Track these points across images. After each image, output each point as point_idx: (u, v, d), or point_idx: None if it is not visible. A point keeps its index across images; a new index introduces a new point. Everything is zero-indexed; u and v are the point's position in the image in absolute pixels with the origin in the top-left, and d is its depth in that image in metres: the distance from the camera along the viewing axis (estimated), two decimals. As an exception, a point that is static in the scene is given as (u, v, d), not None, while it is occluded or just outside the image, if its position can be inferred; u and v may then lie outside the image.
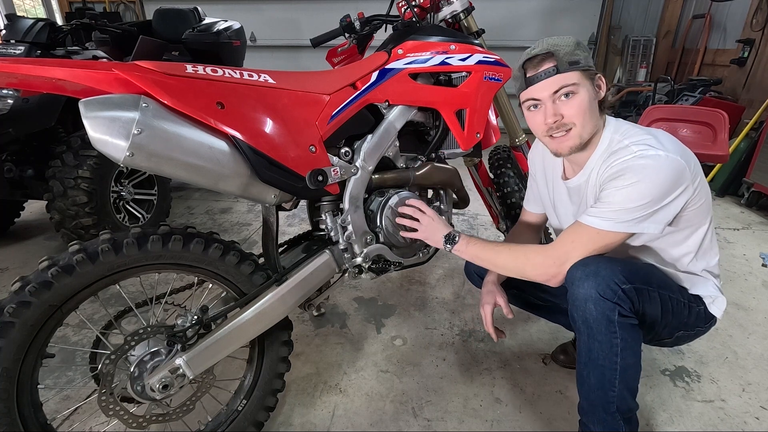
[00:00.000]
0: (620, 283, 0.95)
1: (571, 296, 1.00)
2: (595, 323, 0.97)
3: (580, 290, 0.97)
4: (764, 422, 1.33)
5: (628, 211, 0.95)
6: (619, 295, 0.95)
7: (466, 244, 1.18)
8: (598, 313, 0.96)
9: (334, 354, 1.62)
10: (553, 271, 1.03)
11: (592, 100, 1.01)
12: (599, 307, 0.96)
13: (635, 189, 0.94)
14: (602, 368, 1.00)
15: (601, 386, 1.01)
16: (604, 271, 0.96)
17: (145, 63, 0.94)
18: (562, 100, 1.01)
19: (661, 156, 0.94)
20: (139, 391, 1.02)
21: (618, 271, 0.97)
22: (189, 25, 3.12)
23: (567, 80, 0.99)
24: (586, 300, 0.97)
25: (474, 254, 1.17)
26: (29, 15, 5.57)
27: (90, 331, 1.72)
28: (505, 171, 1.81)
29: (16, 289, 0.88)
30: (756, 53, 3.69)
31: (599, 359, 0.99)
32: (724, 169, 3.17)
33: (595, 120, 1.03)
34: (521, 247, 1.13)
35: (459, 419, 1.34)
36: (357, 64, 1.29)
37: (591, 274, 0.97)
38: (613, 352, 0.98)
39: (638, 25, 5.34)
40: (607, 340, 0.97)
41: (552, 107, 1.01)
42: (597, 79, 1.03)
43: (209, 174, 0.99)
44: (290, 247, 1.41)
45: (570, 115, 1.01)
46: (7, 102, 1.97)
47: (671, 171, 0.94)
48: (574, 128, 1.02)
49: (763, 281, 2.10)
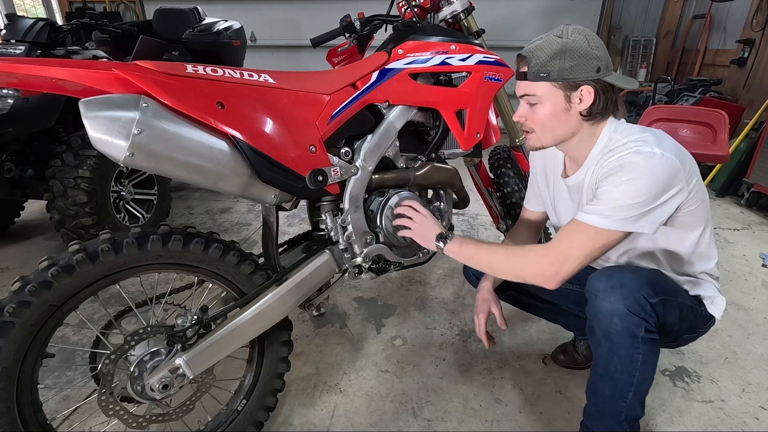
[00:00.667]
0: (648, 297, 0.93)
1: (593, 309, 0.97)
2: (618, 338, 0.94)
3: (606, 304, 0.94)
4: (764, 422, 1.33)
5: (625, 209, 0.94)
6: (646, 309, 0.93)
7: (460, 245, 1.15)
8: (623, 328, 0.93)
9: (334, 354, 1.62)
10: (551, 271, 1.00)
11: (559, 112, 1.00)
12: (625, 322, 0.93)
13: (631, 186, 0.93)
14: (618, 381, 0.98)
15: (613, 397, 1.00)
16: (631, 284, 0.93)
17: (145, 63, 0.94)
18: (528, 105, 1.05)
19: (656, 154, 0.93)
20: (138, 390, 1.02)
21: (644, 284, 0.94)
22: (189, 25, 3.12)
23: (530, 90, 1.02)
24: (612, 314, 0.93)
25: (468, 255, 1.14)
26: (29, 15, 5.57)
27: (90, 331, 1.72)
28: (505, 171, 1.81)
29: (16, 288, 0.88)
30: (756, 53, 3.69)
31: (616, 373, 0.97)
32: (724, 169, 3.17)
33: (562, 129, 1.04)
34: (518, 248, 1.10)
35: (459, 419, 1.34)
36: (357, 64, 1.29)
37: (617, 287, 0.94)
38: (633, 367, 0.96)
39: (638, 25, 5.34)
40: (629, 355, 0.95)
41: (522, 107, 1.07)
42: (580, 91, 0.98)
43: (209, 174, 0.99)
44: (290, 247, 1.41)
45: (531, 120, 1.05)
46: (7, 102, 1.97)
47: (666, 169, 0.93)
48: (533, 133, 1.07)
49: (763, 281, 2.10)
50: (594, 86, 0.98)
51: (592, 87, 0.98)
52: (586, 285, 1.01)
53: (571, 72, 0.96)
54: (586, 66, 0.96)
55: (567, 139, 1.06)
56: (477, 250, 1.13)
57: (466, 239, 1.16)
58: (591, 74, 0.96)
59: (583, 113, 1.01)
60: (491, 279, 1.27)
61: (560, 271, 0.99)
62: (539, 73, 0.98)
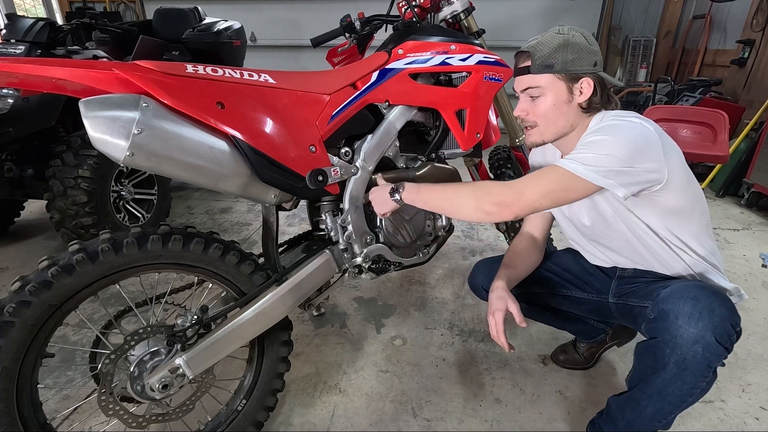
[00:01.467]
0: (735, 325, 0.88)
1: (671, 331, 0.90)
2: (693, 367, 0.88)
3: (691, 329, 0.87)
4: (764, 423, 1.32)
5: (597, 159, 0.94)
6: (732, 339, 0.88)
7: (417, 190, 1.13)
8: (703, 357, 0.87)
9: (333, 354, 1.62)
10: (509, 198, 0.98)
11: (562, 103, 1.03)
12: (708, 351, 0.86)
13: (606, 143, 0.94)
14: (668, 404, 0.95)
15: (654, 418, 0.98)
16: (720, 310, 0.87)
17: (145, 63, 0.94)
18: (529, 99, 1.06)
19: (635, 123, 0.97)
20: (138, 390, 1.02)
21: (731, 308, 0.89)
22: (189, 24, 3.12)
23: (534, 82, 1.03)
24: (695, 342, 0.87)
25: (427, 197, 1.11)
26: (29, 14, 5.57)
27: (90, 331, 1.72)
28: (505, 171, 1.81)
29: (16, 288, 0.88)
30: (756, 54, 3.69)
31: (671, 396, 0.93)
32: (724, 169, 3.17)
33: (564, 121, 1.06)
34: (477, 183, 1.09)
35: (459, 419, 1.34)
36: (357, 64, 1.29)
37: (705, 312, 0.87)
38: (691, 394, 0.92)
39: (638, 25, 5.34)
40: (694, 383, 0.91)
41: (522, 102, 1.08)
42: (581, 83, 1.02)
43: (209, 174, 0.99)
44: (290, 247, 1.41)
45: (533, 114, 1.06)
46: (7, 101, 1.97)
47: (642, 137, 0.94)
48: (536, 127, 1.07)
49: (762, 282, 2.10)
50: (593, 78, 1.02)
51: (591, 79, 1.02)
52: (660, 303, 0.94)
53: (573, 64, 1.00)
54: (586, 59, 1.01)
55: (567, 133, 1.07)
56: (436, 191, 1.12)
57: (423, 185, 1.15)
58: (590, 68, 1.02)
59: (583, 105, 1.04)
60: (505, 278, 1.19)
61: (519, 200, 0.98)
62: (543, 65, 1.01)
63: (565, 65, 1.00)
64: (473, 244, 2.49)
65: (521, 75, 1.06)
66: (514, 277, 1.23)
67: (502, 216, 1.00)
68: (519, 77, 1.07)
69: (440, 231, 1.51)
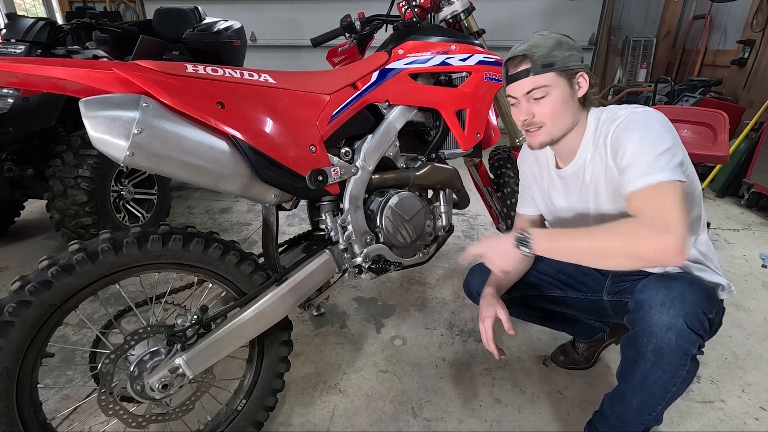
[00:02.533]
0: (707, 313, 0.89)
1: (645, 321, 0.92)
2: (669, 354, 0.90)
3: (663, 317, 0.89)
4: (764, 423, 1.32)
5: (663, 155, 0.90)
6: (705, 326, 0.89)
7: (550, 238, 0.98)
8: (678, 345, 0.89)
9: (333, 354, 1.62)
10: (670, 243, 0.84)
11: (567, 99, 1.04)
12: (682, 338, 0.88)
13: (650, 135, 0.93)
14: (652, 395, 0.96)
15: (640, 410, 0.99)
16: (691, 297, 0.88)
17: (145, 62, 0.94)
18: (535, 100, 1.04)
19: (651, 110, 0.99)
20: (138, 390, 1.02)
21: (703, 297, 0.90)
22: (189, 24, 3.12)
23: (538, 83, 1.02)
24: (668, 329, 0.88)
25: (564, 246, 0.97)
26: (30, 14, 5.57)
27: (90, 331, 1.72)
28: (505, 171, 1.81)
29: (16, 288, 0.88)
30: (756, 54, 3.69)
31: (653, 387, 0.95)
32: (724, 169, 3.16)
33: (570, 117, 1.06)
34: (614, 225, 0.93)
35: (458, 419, 1.34)
36: (357, 64, 1.29)
37: (677, 300, 0.88)
38: (672, 383, 0.94)
39: (639, 25, 5.34)
40: (674, 372, 0.92)
41: (526, 106, 1.06)
42: (579, 77, 1.03)
43: (209, 174, 0.99)
44: (290, 247, 1.41)
45: (540, 114, 1.05)
46: (7, 101, 1.97)
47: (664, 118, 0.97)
48: (544, 126, 1.06)
49: (763, 282, 2.10)
50: (587, 73, 1.04)
51: (586, 73, 1.04)
52: (636, 294, 0.95)
53: (569, 60, 1.02)
54: (576, 56, 1.03)
55: (571, 128, 1.07)
56: (573, 238, 0.96)
57: (547, 230, 1.05)
58: (581, 64, 1.04)
59: (581, 100, 1.05)
60: (494, 284, 1.20)
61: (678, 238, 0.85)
62: (544, 64, 1.01)
63: (564, 62, 1.01)
64: (473, 244, 2.49)
65: (520, 79, 1.04)
66: (505, 283, 1.24)
67: (669, 264, 0.88)
68: (517, 82, 1.05)
69: (440, 231, 1.52)
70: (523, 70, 1.03)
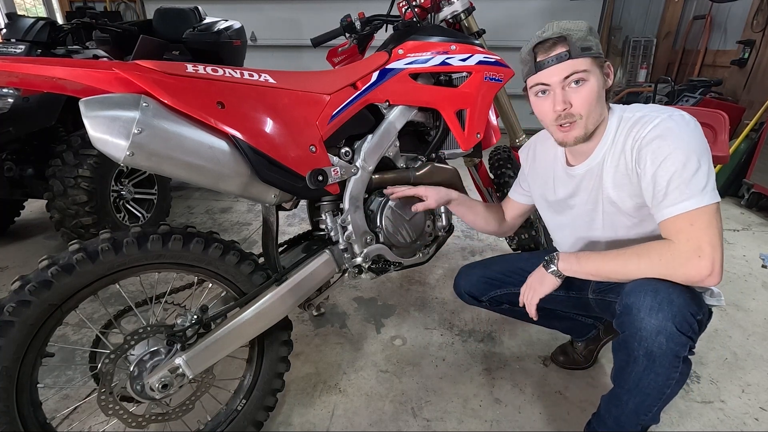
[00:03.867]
0: (695, 314, 0.89)
1: (634, 325, 0.92)
2: (661, 357, 0.90)
3: (652, 321, 0.89)
4: (764, 423, 1.32)
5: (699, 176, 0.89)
6: (694, 328, 0.89)
7: (577, 260, 1.02)
8: (668, 348, 0.89)
9: (333, 354, 1.62)
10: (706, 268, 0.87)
11: (601, 88, 0.98)
12: (672, 341, 0.88)
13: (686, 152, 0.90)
14: (647, 397, 0.96)
15: (636, 412, 0.98)
16: (678, 299, 0.88)
17: (145, 62, 0.94)
18: (572, 87, 0.97)
19: (685, 116, 0.94)
20: (138, 390, 1.02)
21: (689, 299, 0.90)
22: (189, 24, 3.12)
23: (579, 66, 0.95)
24: (658, 333, 0.88)
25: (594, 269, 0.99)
26: (30, 14, 5.57)
27: (90, 331, 1.72)
28: (506, 171, 1.81)
29: (16, 288, 0.88)
30: (756, 54, 3.68)
31: (647, 389, 0.95)
32: (724, 170, 3.16)
33: (601, 109, 1.00)
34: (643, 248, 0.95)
35: (458, 419, 1.34)
36: (357, 64, 1.29)
37: (665, 303, 0.88)
38: (666, 385, 0.93)
39: (639, 25, 5.34)
40: (666, 374, 0.92)
41: (561, 94, 0.97)
42: (606, 67, 0.99)
43: (209, 173, 0.99)
44: (290, 247, 1.41)
45: (578, 104, 0.97)
46: (7, 101, 1.97)
47: (698, 127, 0.94)
48: (580, 120, 0.99)
49: (762, 282, 2.10)
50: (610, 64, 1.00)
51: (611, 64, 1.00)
52: (624, 297, 0.95)
53: (598, 48, 0.97)
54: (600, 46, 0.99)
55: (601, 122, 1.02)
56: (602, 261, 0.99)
57: (575, 253, 1.05)
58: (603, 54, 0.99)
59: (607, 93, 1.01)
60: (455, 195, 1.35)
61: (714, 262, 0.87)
62: (582, 47, 0.94)
63: (598, 48, 0.96)
64: (473, 244, 2.49)
65: (556, 63, 0.95)
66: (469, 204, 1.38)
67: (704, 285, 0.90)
68: (552, 67, 0.96)
69: (440, 231, 1.52)
70: (561, 53, 0.95)
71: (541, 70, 0.98)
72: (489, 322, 1.79)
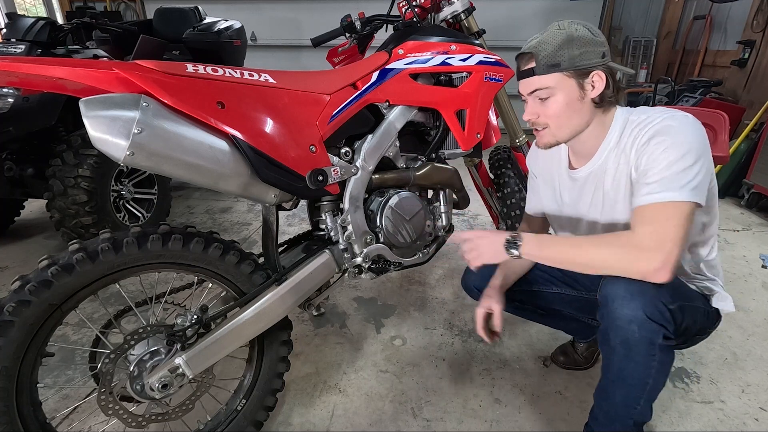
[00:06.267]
0: (667, 304, 0.91)
1: (610, 315, 0.94)
2: (636, 345, 0.92)
3: (625, 310, 0.91)
4: (763, 423, 1.32)
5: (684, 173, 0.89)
6: (666, 317, 0.91)
7: (538, 244, 0.99)
8: (641, 335, 0.91)
9: (333, 354, 1.62)
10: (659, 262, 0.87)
11: (574, 101, 0.99)
12: (645, 329, 0.90)
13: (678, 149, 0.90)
14: (631, 387, 0.97)
15: (624, 404, 0.99)
16: (650, 290, 0.91)
17: (145, 62, 0.94)
18: (539, 101, 1.02)
19: (688, 116, 0.95)
20: (138, 390, 1.02)
21: (663, 290, 0.91)
22: (189, 24, 3.12)
23: (541, 83, 0.99)
24: (630, 321, 0.91)
25: (555, 253, 0.98)
26: (30, 14, 5.58)
27: (89, 330, 1.72)
28: (506, 171, 1.81)
29: (16, 287, 0.88)
30: (756, 54, 3.69)
31: (630, 379, 0.96)
32: (724, 170, 3.16)
33: (578, 119, 1.01)
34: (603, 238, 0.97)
35: (458, 419, 1.34)
36: (357, 64, 1.29)
37: (637, 293, 0.91)
38: (647, 374, 0.95)
39: (639, 26, 5.34)
40: (645, 363, 0.94)
41: (531, 105, 1.04)
42: (592, 77, 0.98)
43: (209, 173, 0.99)
44: (290, 247, 1.41)
45: (543, 116, 1.03)
46: (7, 101, 1.97)
47: (701, 130, 0.94)
48: (547, 128, 1.04)
49: (762, 282, 2.10)
50: (604, 71, 0.98)
51: (602, 72, 0.98)
52: (601, 289, 0.98)
53: (581, 59, 0.97)
54: (593, 52, 0.97)
55: (581, 131, 1.04)
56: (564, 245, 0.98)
57: (538, 236, 1.02)
58: (598, 60, 0.97)
59: (596, 100, 1.00)
60: (502, 278, 1.23)
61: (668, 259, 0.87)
62: (549, 64, 0.97)
63: (572, 62, 0.96)
64: (473, 245, 2.48)
65: (526, 77, 1.02)
66: (513, 277, 1.26)
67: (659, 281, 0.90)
68: (524, 80, 1.02)
69: (440, 231, 1.52)
70: (528, 69, 1.00)
71: (519, 80, 1.06)
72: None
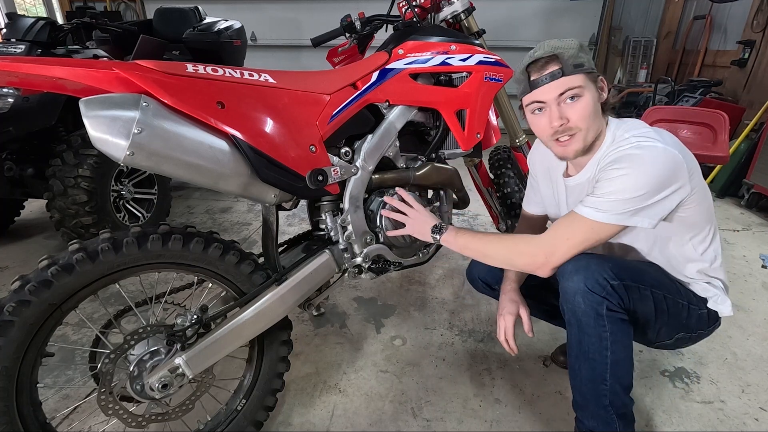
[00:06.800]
0: (609, 279, 0.97)
1: (561, 289, 1.02)
2: (584, 316, 0.98)
3: (570, 283, 0.99)
4: (763, 423, 1.32)
5: (623, 202, 0.94)
6: (607, 290, 0.97)
7: (455, 235, 1.17)
8: (586, 306, 0.97)
9: (333, 354, 1.62)
10: (540, 260, 1.03)
11: (596, 102, 1.02)
12: (587, 300, 0.97)
13: (630, 179, 0.94)
14: (593, 361, 1.00)
15: (592, 379, 1.02)
16: (594, 266, 0.98)
17: (145, 62, 0.94)
18: (568, 104, 1.00)
19: (658, 147, 0.94)
20: (138, 390, 1.02)
21: (608, 267, 0.98)
22: (190, 24, 3.12)
23: (572, 83, 0.99)
24: (575, 293, 0.98)
25: (463, 244, 1.16)
26: (30, 14, 5.58)
27: (89, 330, 1.72)
28: (505, 171, 1.81)
29: (16, 287, 0.88)
30: (756, 54, 3.69)
31: (589, 352, 1.00)
32: (724, 170, 3.17)
33: (599, 122, 1.04)
34: (511, 237, 1.15)
35: (458, 419, 1.34)
36: (357, 64, 1.29)
37: (581, 268, 0.98)
38: (603, 346, 0.99)
39: (639, 26, 5.34)
40: (597, 334, 0.98)
41: (557, 110, 1.01)
42: (599, 82, 1.03)
43: (209, 173, 0.99)
44: (290, 247, 1.41)
45: (575, 118, 1.01)
46: (7, 101, 1.97)
47: (667, 163, 0.94)
48: (579, 132, 1.02)
49: (762, 282, 2.10)
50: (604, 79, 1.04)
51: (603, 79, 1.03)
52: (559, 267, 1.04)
53: (591, 64, 1.01)
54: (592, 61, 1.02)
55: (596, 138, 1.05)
56: (473, 240, 1.15)
57: (462, 230, 1.18)
58: None
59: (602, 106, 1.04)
60: (515, 279, 1.24)
61: (549, 261, 1.03)
62: (575, 64, 0.98)
63: (590, 64, 1.00)
64: (473, 245, 2.48)
65: (550, 81, 0.99)
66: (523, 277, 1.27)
67: (538, 275, 1.06)
68: (551, 83, 0.99)
69: (440, 231, 1.51)
70: (554, 71, 0.99)
71: (535, 88, 1.02)
72: (489, 322, 1.79)
